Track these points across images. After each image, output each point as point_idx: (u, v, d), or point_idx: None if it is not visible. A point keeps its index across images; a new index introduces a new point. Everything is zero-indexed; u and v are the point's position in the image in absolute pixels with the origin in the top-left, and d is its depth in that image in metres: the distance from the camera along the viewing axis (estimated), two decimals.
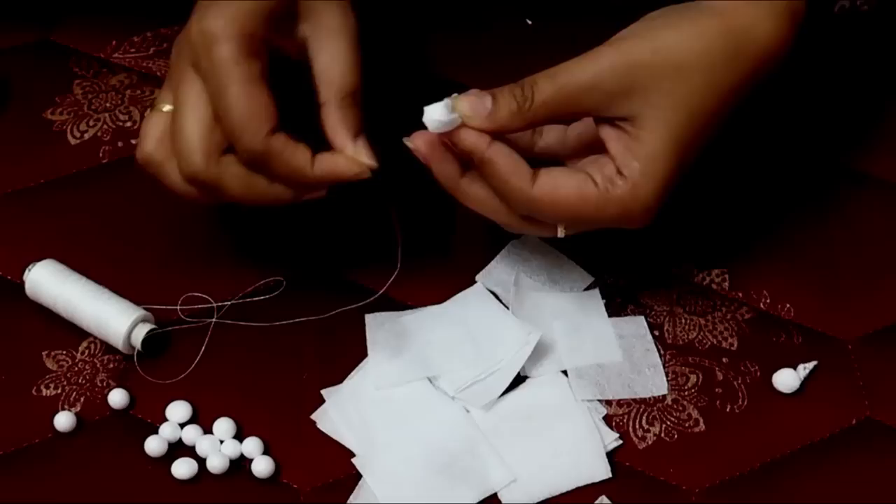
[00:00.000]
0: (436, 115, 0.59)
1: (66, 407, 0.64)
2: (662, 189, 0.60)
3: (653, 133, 0.59)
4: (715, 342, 0.67)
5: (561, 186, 0.59)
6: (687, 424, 0.64)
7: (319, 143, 0.62)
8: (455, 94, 0.59)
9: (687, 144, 0.60)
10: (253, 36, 0.60)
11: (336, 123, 0.62)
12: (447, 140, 0.60)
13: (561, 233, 0.62)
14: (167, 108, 0.63)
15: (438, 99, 0.59)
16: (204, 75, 0.60)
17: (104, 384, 0.65)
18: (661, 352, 0.67)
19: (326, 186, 0.62)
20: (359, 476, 0.62)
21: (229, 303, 0.68)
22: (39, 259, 0.68)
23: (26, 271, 0.67)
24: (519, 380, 0.65)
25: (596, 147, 0.61)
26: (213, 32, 0.59)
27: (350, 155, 0.62)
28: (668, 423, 0.64)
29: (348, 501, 0.61)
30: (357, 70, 0.63)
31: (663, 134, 0.59)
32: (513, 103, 0.59)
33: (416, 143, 0.61)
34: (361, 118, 0.63)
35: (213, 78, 0.59)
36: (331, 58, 0.62)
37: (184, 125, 0.60)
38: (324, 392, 0.65)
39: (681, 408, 0.65)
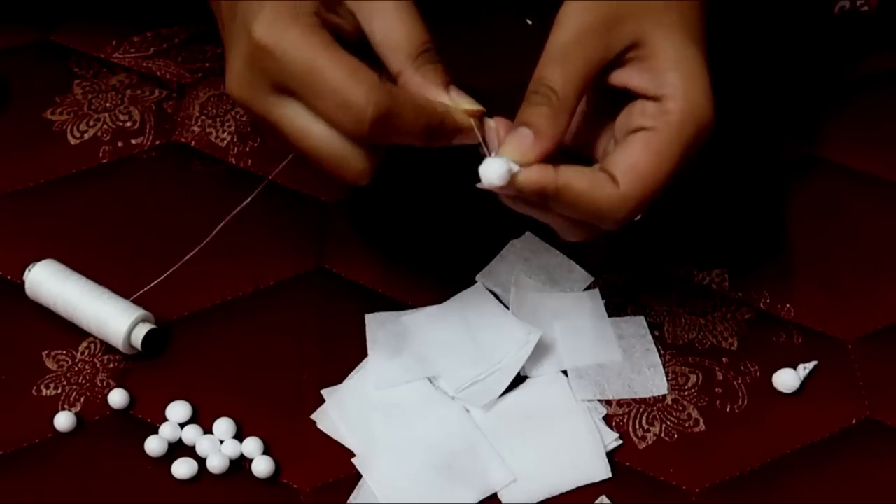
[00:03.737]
0: (495, 176, 0.55)
1: (66, 407, 0.64)
2: (707, 76, 0.56)
3: (663, 41, 0.56)
4: (715, 342, 0.67)
5: (637, 161, 0.56)
6: (687, 424, 0.64)
7: None
8: (495, 155, 0.56)
9: (696, 31, 0.57)
10: (309, 19, 0.56)
11: (421, 88, 0.57)
12: (510, 192, 0.56)
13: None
14: None
15: None
16: (290, 79, 0.55)
17: (104, 384, 0.65)
18: (661, 352, 0.67)
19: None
20: (359, 476, 0.62)
21: (229, 302, 0.68)
22: (39, 259, 0.68)
23: (26, 271, 0.67)
24: (519, 380, 0.65)
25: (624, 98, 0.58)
26: (272, 38, 0.55)
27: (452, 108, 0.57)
28: (668, 423, 0.64)
29: (348, 501, 0.61)
30: (419, 22, 0.57)
31: (671, 35, 0.57)
32: (543, 110, 0.56)
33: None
34: (444, 68, 0.58)
35: (302, 73, 0.55)
36: (385, 23, 0.57)
37: (318, 146, 0.57)
38: (324, 392, 0.65)
39: (681, 408, 0.65)
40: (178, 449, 0.63)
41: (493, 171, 0.55)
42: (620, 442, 0.63)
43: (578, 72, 0.56)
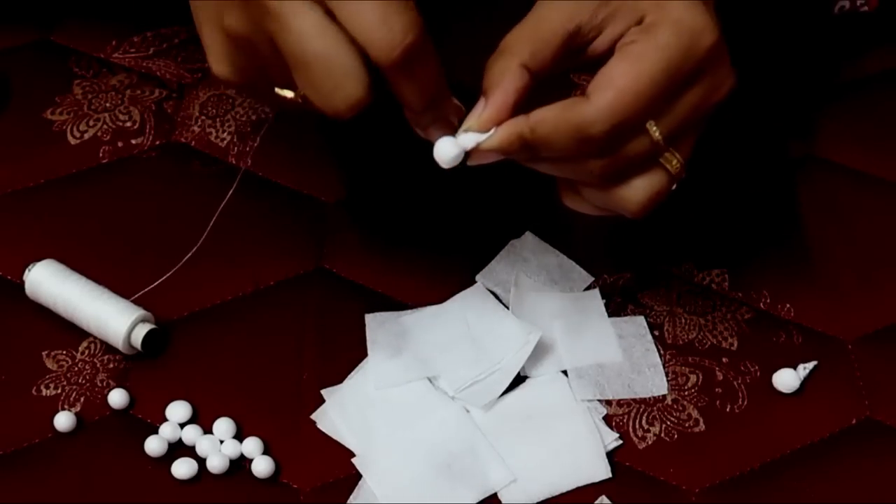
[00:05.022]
0: (447, 154, 0.56)
1: (66, 407, 0.64)
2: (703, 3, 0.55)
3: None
4: (715, 342, 0.67)
5: (611, 72, 0.54)
6: (687, 424, 0.64)
7: None
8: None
9: None
10: None
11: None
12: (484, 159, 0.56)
13: (656, 133, 0.56)
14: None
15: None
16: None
17: (104, 384, 0.65)
18: (661, 352, 0.67)
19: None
20: (359, 476, 0.62)
21: (229, 302, 0.68)
22: (39, 259, 0.68)
23: (26, 271, 0.67)
24: (519, 380, 0.65)
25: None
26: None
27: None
28: (668, 423, 0.64)
29: (348, 501, 0.61)
30: (402, 16, 0.52)
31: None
32: (492, 72, 0.55)
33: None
34: (438, 71, 0.55)
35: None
36: (360, 17, 0.52)
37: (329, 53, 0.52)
38: (324, 392, 0.65)
39: (681, 408, 0.65)
40: (178, 449, 0.63)
41: (444, 151, 0.56)
42: (620, 442, 0.63)
43: (532, 28, 0.56)
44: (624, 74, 0.54)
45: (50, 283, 0.67)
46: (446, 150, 0.56)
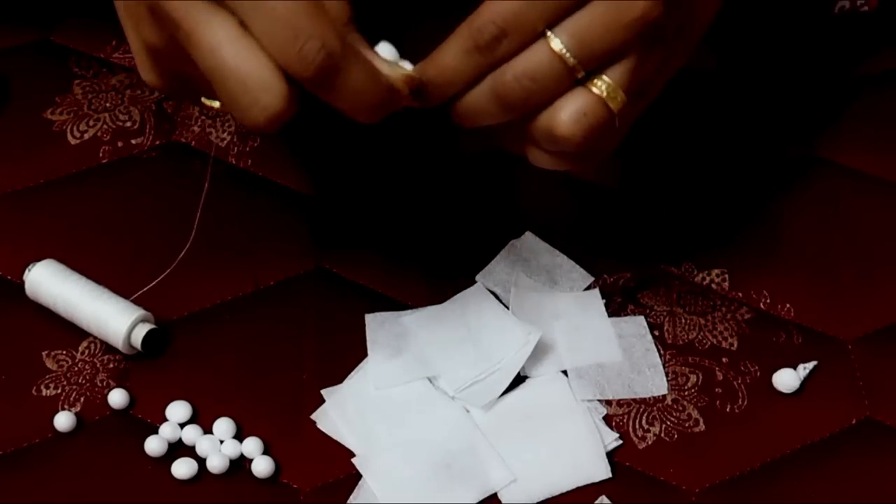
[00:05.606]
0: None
1: (66, 407, 0.64)
2: None
3: None
4: (715, 342, 0.67)
5: None
6: (687, 424, 0.64)
7: None
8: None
9: None
10: None
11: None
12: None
13: (554, 41, 0.53)
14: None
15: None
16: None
17: (104, 384, 0.65)
18: (661, 352, 0.67)
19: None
20: (359, 476, 0.62)
21: (229, 302, 0.68)
22: (39, 259, 0.68)
23: (26, 271, 0.67)
24: (519, 380, 0.65)
25: None
26: None
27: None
28: (668, 423, 0.64)
29: (348, 501, 0.61)
30: (316, 28, 0.50)
31: None
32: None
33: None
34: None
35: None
36: None
37: (238, 64, 0.50)
38: (324, 392, 0.65)
39: (681, 408, 0.65)
40: (178, 449, 0.63)
41: (386, 51, 0.54)
42: (620, 442, 0.63)
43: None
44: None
45: (50, 283, 0.67)
46: (385, 51, 0.55)
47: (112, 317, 0.65)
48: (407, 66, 0.55)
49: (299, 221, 0.72)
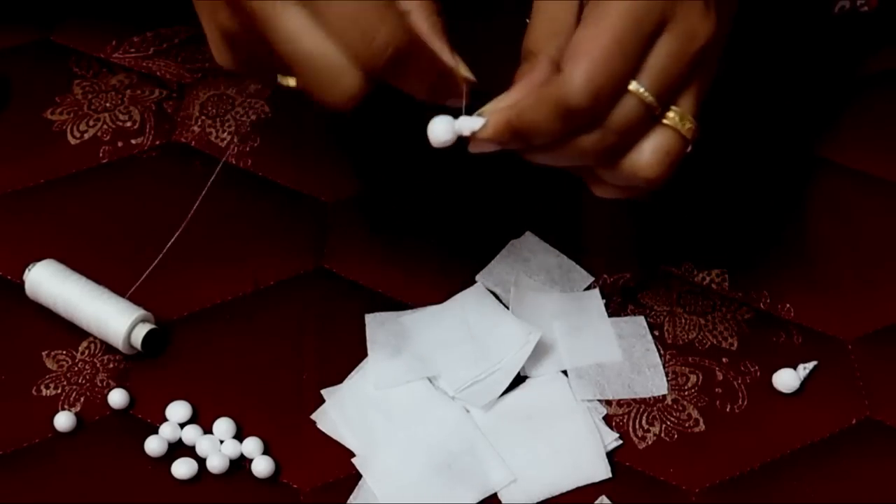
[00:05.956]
0: (441, 132, 0.55)
1: (66, 407, 0.64)
2: None
3: None
4: (715, 342, 0.67)
5: (573, 41, 0.54)
6: (687, 424, 0.64)
7: None
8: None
9: None
10: None
11: (429, 37, 0.55)
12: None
13: (641, 91, 0.54)
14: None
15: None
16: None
17: (104, 384, 0.65)
18: (661, 352, 0.67)
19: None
20: (359, 476, 0.62)
21: (229, 302, 0.68)
22: (39, 259, 0.68)
23: (26, 271, 0.67)
24: (519, 380, 0.65)
25: None
26: None
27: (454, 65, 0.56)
28: (668, 423, 0.64)
29: (348, 501, 0.61)
30: (385, 25, 0.52)
31: None
32: (523, 67, 0.56)
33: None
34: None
35: None
36: None
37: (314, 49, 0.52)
38: (324, 392, 0.65)
39: (681, 408, 0.65)
40: (178, 449, 0.63)
41: (435, 131, 0.55)
42: (620, 442, 0.63)
43: (548, 23, 0.56)
44: (589, 39, 0.54)
45: (50, 283, 0.67)
46: (438, 131, 0.55)
47: (112, 317, 0.65)
48: (469, 122, 0.55)
49: (299, 221, 0.72)
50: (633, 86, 0.55)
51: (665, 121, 0.56)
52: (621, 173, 0.57)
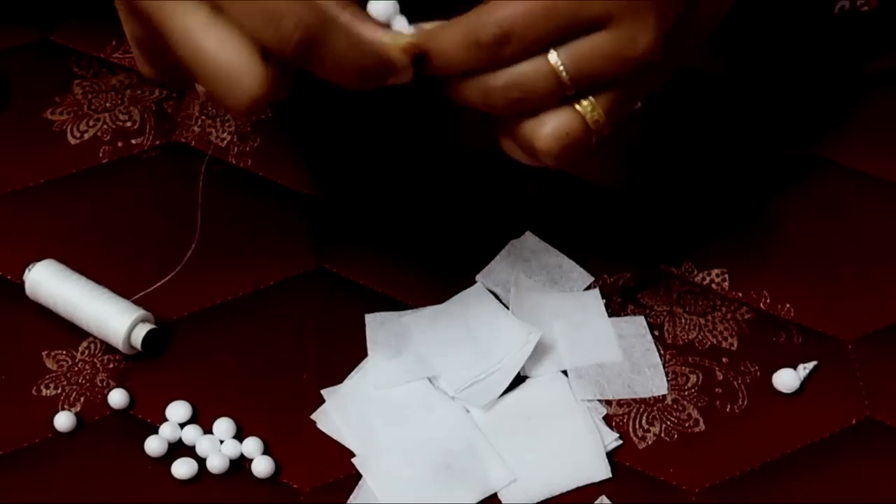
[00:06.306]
0: (381, 10, 0.53)
1: (66, 407, 0.64)
2: None
3: None
4: (715, 342, 0.67)
5: None
6: (687, 424, 0.64)
7: None
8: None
9: None
10: None
11: (351, 23, 0.53)
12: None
13: (555, 59, 0.54)
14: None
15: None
16: None
17: (104, 384, 0.65)
18: (661, 352, 0.67)
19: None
20: (359, 476, 0.62)
21: (229, 302, 0.68)
22: (39, 259, 0.68)
23: (26, 271, 0.67)
24: (519, 380, 0.65)
25: None
26: None
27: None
28: (668, 423, 0.64)
29: (348, 501, 0.61)
30: (292, 3, 0.49)
31: None
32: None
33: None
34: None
35: None
36: None
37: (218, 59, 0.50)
38: (324, 392, 0.65)
39: (681, 408, 0.65)
40: (178, 449, 0.63)
41: (375, 8, 0.53)
42: (620, 442, 0.63)
43: None
44: None
45: (50, 283, 0.67)
46: (378, 8, 0.54)
47: (112, 317, 0.65)
48: (402, 22, 0.54)
49: (299, 221, 0.72)
50: (552, 56, 0.54)
51: (577, 106, 0.56)
52: (520, 135, 0.57)
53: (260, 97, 0.51)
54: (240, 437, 0.63)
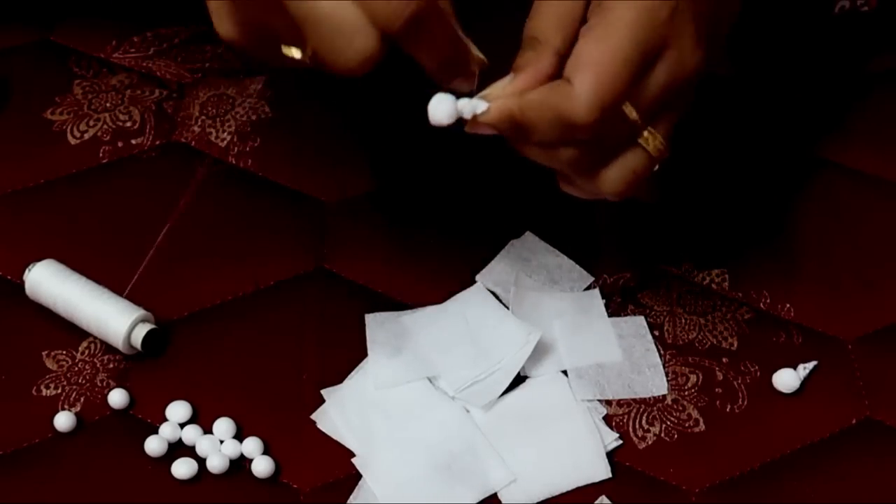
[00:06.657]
0: (443, 114, 0.54)
1: (66, 407, 0.64)
2: None
3: None
4: (715, 342, 0.67)
5: (582, 54, 0.54)
6: (687, 424, 0.64)
7: None
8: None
9: None
10: None
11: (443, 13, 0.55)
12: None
13: (633, 114, 0.55)
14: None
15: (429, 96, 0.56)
16: None
17: (104, 384, 0.65)
18: (661, 352, 0.67)
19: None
20: (359, 476, 0.62)
21: (229, 302, 0.68)
22: (39, 259, 0.68)
23: (26, 271, 0.67)
24: (519, 380, 0.65)
25: None
26: None
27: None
28: (668, 423, 0.64)
29: (348, 501, 0.61)
30: None
31: None
32: (527, 54, 0.55)
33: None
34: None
35: None
36: None
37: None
38: (324, 392, 0.65)
39: (681, 408, 0.65)
40: (178, 449, 0.63)
41: (435, 109, 0.54)
42: (620, 442, 0.63)
43: (555, 14, 0.56)
44: (598, 55, 0.54)
45: (50, 283, 0.67)
46: (438, 109, 0.54)
47: (112, 317, 0.65)
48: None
49: (299, 221, 0.72)
50: (626, 107, 0.55)
51: (639, 139, 0.56)
52: (588, 183, 0.58)
53: (372, 57, 0.52)
54: (240, 437, 0.63)
